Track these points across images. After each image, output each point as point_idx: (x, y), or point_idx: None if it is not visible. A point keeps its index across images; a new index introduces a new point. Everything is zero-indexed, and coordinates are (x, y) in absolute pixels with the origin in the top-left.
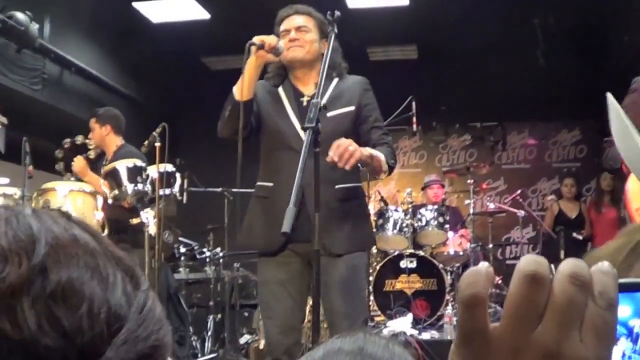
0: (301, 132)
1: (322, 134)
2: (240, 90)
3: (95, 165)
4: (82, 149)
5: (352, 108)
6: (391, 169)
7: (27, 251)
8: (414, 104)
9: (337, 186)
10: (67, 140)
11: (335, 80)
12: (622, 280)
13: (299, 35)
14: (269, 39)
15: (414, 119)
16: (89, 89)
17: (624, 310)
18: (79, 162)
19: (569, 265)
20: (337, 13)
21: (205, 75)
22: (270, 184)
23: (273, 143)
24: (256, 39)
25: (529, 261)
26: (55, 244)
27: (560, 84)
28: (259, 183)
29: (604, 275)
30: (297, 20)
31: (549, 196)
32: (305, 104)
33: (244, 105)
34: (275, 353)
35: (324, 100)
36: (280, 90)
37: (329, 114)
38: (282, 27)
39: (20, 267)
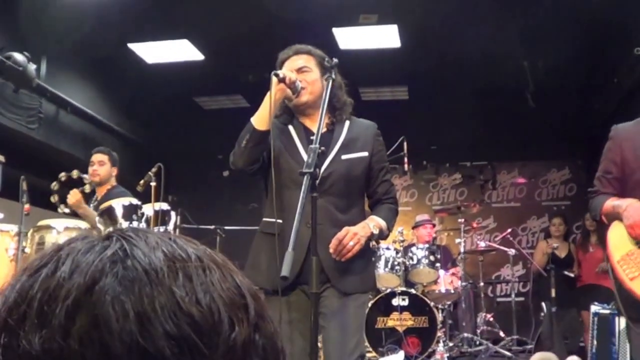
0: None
1: (335, 175)
2: (261, 120)
3: (87, 200)
4: (78, 183)
5: (366, 154)
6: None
7: (243, 308)
8: (405, 144)
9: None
10: (64, 173)
11: (347, 123)
12: None
13: (301, 77)
14: (290, 75)
15: (406, 159)
16: (84, 128)
17: None
18: (74, 195)
19: (536, 356)
20: (335, 60)
21: (197, 115)
22: (280, 221)
23: (283, 180)
24: (279, 72)
25: None
26: (254, 298)
27: (549, 124)
28: (267, 219)
29: None
30: (298, 62)
31: (553, 243)
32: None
33: (262, 136)
34: None
35: (338, 144)
36: (291, 128)
37: (344, 157)
38: (284, 70)
39: (244, 325)
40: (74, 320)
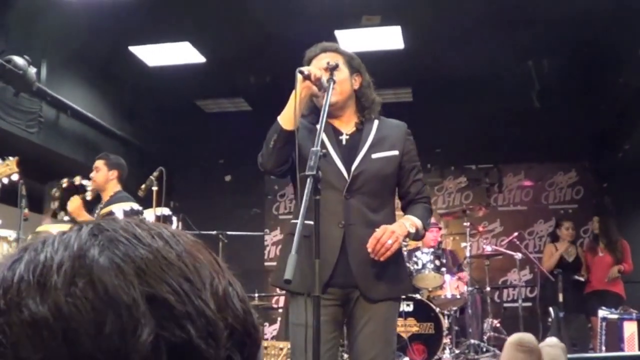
0: (344, 171)
1: (367, 174)
2: (288, 119)
3: (90, 207)
4: (80, 190)
5: (396, 153)
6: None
7: (216, 262)
8: None
9: (377, 229)
10: (65, 180)
11: (376, 122)
12: (570, 356)
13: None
14: (315, 71)
15: None
16: (84, 132)
17: None
18: (75, 202)
19: (515, 336)
20: (335, 64)
21: (199, 118)
22: (311, 223)
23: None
24: (304, 68)
25: None
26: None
27: (555, 125)
28: (295, 221)
29: (552, 348)
30: (325, 59)
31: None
32: (344, 142)
33: (290, 136)
34: None
35: (368, 143)
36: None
37: (374, 156)
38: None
39: (222, 276)
40: (75, 283)
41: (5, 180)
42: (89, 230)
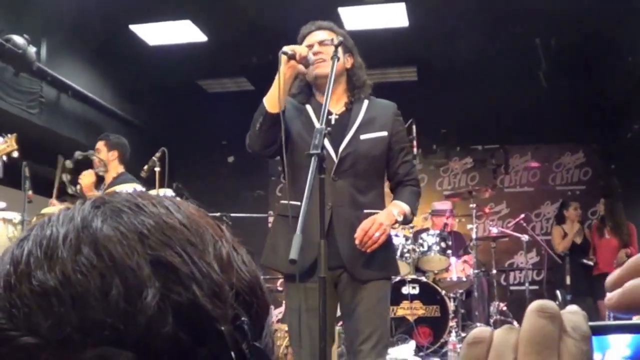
0: (332, 152)
1: (355, 156)
2: (273, 101)
3: (97, 186)
4: (90, 166)
5: (385, 134)
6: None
7: (217, 226)
8: (414, 127)
9: (365, 210)
10: (78, 152)
11: (366, 102)
12: (591, 323)
13: (322, 49)
14: (300, 49)
15: (415, 142)
16: (85, 112)
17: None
18: (89, 177)
19: (535, 302)
20: (340, 39)
21: (201, 98)
22: (299, 204)
23: (302, 161)
24: (287, 48)
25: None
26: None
27: (562, 105)
28: (284, 202)
29: (573, 314)
30: (320, 35)
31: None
32: (333, 122)
33: (275, 118)
34: None
35: (356, 123)
36: (308, 107)
37: (362, 137)
38: (305, 44)
39: (224, 240)
40: (81, 252)
41: (5, 159)
42: (92, 203)
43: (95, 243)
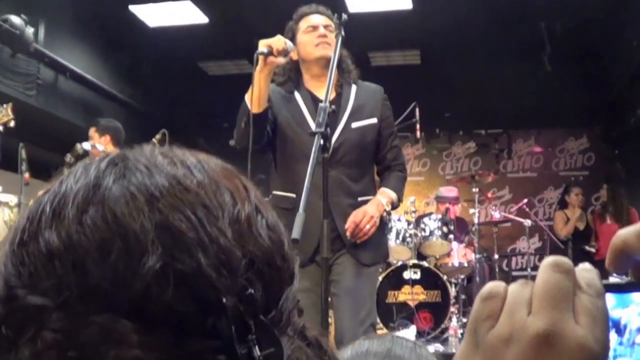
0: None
1: (347, 145)
2: (253, 102)
3: None
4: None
5: (375, 120)
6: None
7: (242, 187)
8: (417, 110)
9: (359, 199)
10: (78, 145)
11: (354, 87)
12: (605, 281)
13: (327, 32)
14: (276, 43)
15: (418, 126)
16: (84, 95)
17: (608, 300)
18: None
19: (550, 258)
20: (345, 17)
21: (202, 81)
22: (293, 195)
23: (292, 151)
24: (263, 46)
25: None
26: (249, 187)
27: (567, 90)
28: (277, 193)
29: (587, 272)
30: (322, 19)
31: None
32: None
33: (259, 117)
34: None
35: (347, 112)
36: (297, 95)
37: (354, 125)
38: (307, 24)
39: (245, 203)
40: (87, 212)
41: (1, 128)
42: (110, 160)
43: (102, 203)
